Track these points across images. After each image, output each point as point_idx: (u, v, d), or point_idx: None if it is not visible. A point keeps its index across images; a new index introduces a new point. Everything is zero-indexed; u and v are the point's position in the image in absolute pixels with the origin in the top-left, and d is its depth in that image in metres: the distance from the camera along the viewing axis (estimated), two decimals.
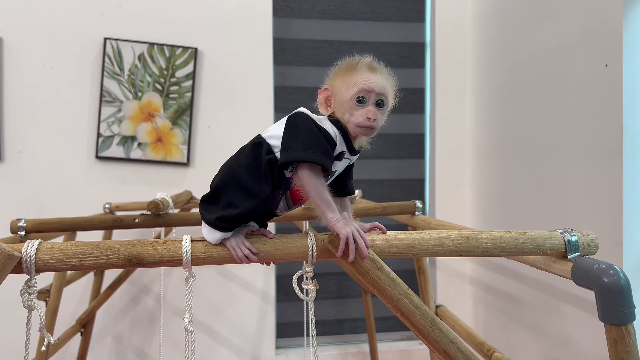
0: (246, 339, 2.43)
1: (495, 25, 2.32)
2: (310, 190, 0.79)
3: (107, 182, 2.30)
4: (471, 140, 2.55)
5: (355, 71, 0.85)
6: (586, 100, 1.69)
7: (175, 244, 0.75)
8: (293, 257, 0.78)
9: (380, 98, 0.85)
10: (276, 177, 0.82)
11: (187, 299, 0.77)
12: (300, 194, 0.84)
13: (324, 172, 0.81)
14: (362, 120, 0.83)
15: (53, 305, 1.68)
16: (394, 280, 0.73)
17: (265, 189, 0.80)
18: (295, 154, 0.79)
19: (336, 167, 0.86)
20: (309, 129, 0.81)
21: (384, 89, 0.85)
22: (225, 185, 0.81)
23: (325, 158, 0.79)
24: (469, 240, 0.78)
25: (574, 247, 0.81)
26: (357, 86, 0.84)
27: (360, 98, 0.83)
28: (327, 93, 0.88)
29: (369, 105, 0.84)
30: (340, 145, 0.85)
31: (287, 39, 2.51)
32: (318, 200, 0.79)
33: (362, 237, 0.76)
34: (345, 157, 0.86)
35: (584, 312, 1.70)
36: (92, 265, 0.71)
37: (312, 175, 0.79)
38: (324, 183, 0.81)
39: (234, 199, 0.79)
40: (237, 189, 0.80)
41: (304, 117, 0.84)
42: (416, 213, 1.50)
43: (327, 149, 0.81)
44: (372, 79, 0.84)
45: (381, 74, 0.86)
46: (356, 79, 0.84)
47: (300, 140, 0.80)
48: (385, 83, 0.86)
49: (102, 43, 2.29)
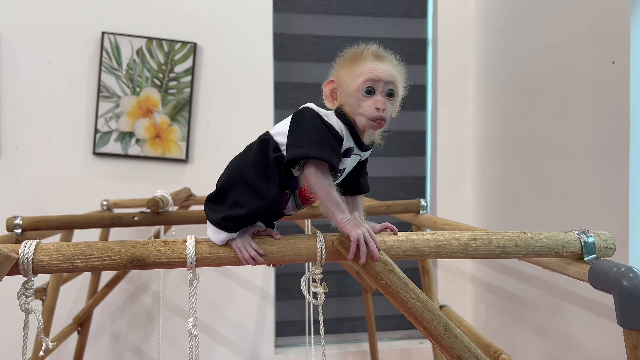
0: (245, 337, 2.40)
1: (499, 20, 2.29)
2: (318, 189, 0.76)
3: (105, 179, 2.27)
4: (473, 138, 2.52)
5: (361, 60, 0.81)
6: (592, 97, 1.66)
7: (179, 245, 0.72)
8: (301, 259, 0.75)
9: (389, 87, 0.80)
10: (284, 176, 0.79)
11: (191, 302, 0.74)
12: (309, 194, 0.80)
13: (332, 170, 0.78)
14: (371, 112, 0.79)
15: (50, 304, 1.66)
16: (407, 283, 0.71)
17: (273, 189, 0.77)
18: (300, 150, 0.76)
19: (345, 165, 0.82)
20: (314, 125, 0.78)
21: (392, 77, 0.80)
22: (231, 184, 0.78)
23: (332, 155, 0.76)
24: (483, 242, 0.76)
25: (591, 248, 0.78)
26: (364, 76, 0.79)
27: (369, 88, 0.79)
28: (332, 85, 0.84)
29: (377, 95, 0.79)
30: (347, 141, 0.81)
31: (287, 34, 2.48)
32: (326, 201, 0.76)
33: (374, 239, 0.73)
34: (354, 153, 0.82)
35: (588, 311, 1.68)
36: (92, 266, 0.68)
37: (318, 174, 0.76)
38: (332, 182, 0.77)
39: (240, 198, 0.76)
40: (243, 188, 0.77)
41: (309, 112, 0.80)
42: (421, 212, 1.48)
43: (333, 146, 0.77)
44: (379, 68, 0.80)
45: (388, 62, 0.82)
46: (362, 69, 0.80)
47: (306, 136, 0.77)
48: (393, 71, 0.81)
49: (100, 37, 2.26)
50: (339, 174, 0.82)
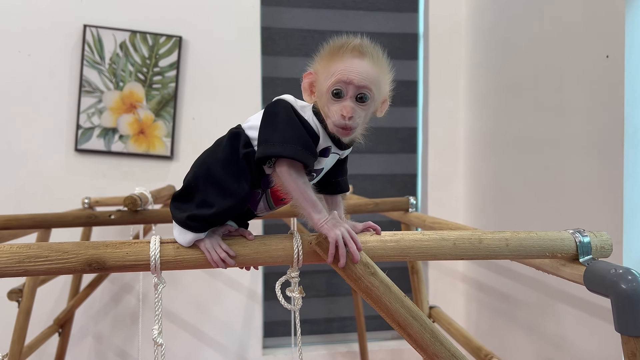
0: (232, 338, 2.35)
1: (491, 15, 2.26)
2: (291, 189, 0.70)
3: (87, 176, 2.21)
4: (465, 135, 2.48)
5: (338, 57, 0.73)
6: (585, 92, 1.63)
7: (142, 246, 0.67)
8: (276, 262, 0.69)
9: (361, 92, 0.71)
10: (255, 174, 0.73)
11: (157, 307, 0.68)
12: (282, 193, 0.74)
13: (306, 168, 0.71)
14: (337, 118, 0.71)
15: (26, 305, 1.60)
16: (390, 287, 0.65)
17: (245, 187, 0.71)
18: (272, 148, 0.69)
19: (322, 165, 0.76)
20: (288, 120, 0.71)
21: (366, 80, 0.71)
22: (198, 181, 0.72)
23: (307, 153, 0.70)
24: (472, 242, 0.71)
25: (587, 249, 0.74)
26: (335, 76, 0.71)
27: (337, 91, 0.71)
28: (311, 78, 0.77)
29: (346, 99, 0.71)
30: (324, 140, 0.74)
31: (275, 28, 2.43)
32: (301, 201, 0.70)
33: (354, 240, 0.67)
34: (332, 152, 0.76)
35: (580, 311, 1.65)
36: (47, 270, 0.62)
37: (292, 173, 0.69)
38: (306, 180, 0.71)
39: (209, 197, 0.71)
40: (212, 186, 0.71)
41: (283, 105, 0.74)
42: (410, 210, 1.43)
43: (308, 143, 0.71)
44: (353, 68, 0.71)
45: (369, 59, 0.72)
46: (336, 67, 0.72)
47: (279, 132, 0.70)
48: (371, 72, 0.72)
49: (82, 30, 2.19)
50: (315, 174, 0.76)
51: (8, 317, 1.64)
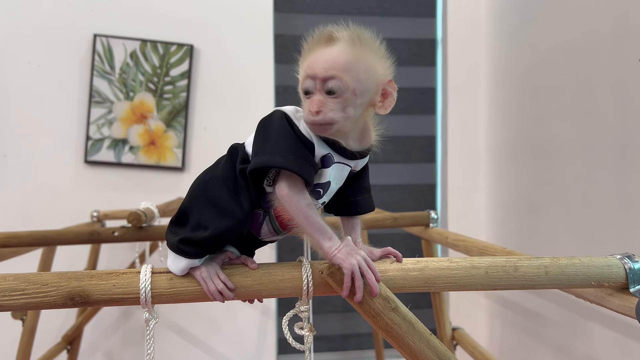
0: (245, 356, 2.28)
1: (512, 18, 2.18)
2: (293, 211, 0.62)
3: (97, 189, 2.17)
4: (486, 143, 2.40)
5: (308, 51, 0.66)
6: (616, 98, 1.55)
7: (131, 277, 0.59)
8: (283, 294, 0.61)
9: (328, 85, 0.63)
10: (253, 192, 0.65)
11: (148, 346, 0.61)
12: (286, 216, 0.66)
13: (308, 186, 0.63)
14: (307, 116, 0.64)
15: (30, 324, 1.56)
16: (413, 324, 0.57)
17: (244, 206, 0.63)
18: (262, 158, 0.62)
19: (327, 177, 0.67)
20: (281, 130, 0.64)
21: (332, 69, 0.62)
22: (194, 202, 0.64)
23: (300, 162, 0.62)
24: (506, 270, 0.62)
25: (637, 277, 0.64)
26: (303, 72, 0.65)
27: (306, 88, 0.64)
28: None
29: (316, 94, 0.64)
30: (320, 147, 0.65)
31: (289, 35, 2.38)
32: (306, 226, 0.62)
33: (372, 269, 0.59)
34: (336, 161, 0.67)
35: (613, 331, 1.56)
36: (23, 305, 0.55)
37: (292, 192, 0.61)
38: (310, 202, 0.63)
39: (204, 218, 0.63)
40: (208, 205, 0.63)
41: (277, 115, 0.67)
42: (431, 225, 1.34)
43: (301, 152, 0.63)
44: (317, 59, 0.63)
45: (343, 45, 0.64)
46: (305, 63, 0.65)
47: (270, 142, 0.63)
48: (340, 58, 0.63)
49: (92, 40, 2.16)
50: (321, 190, 0.68)
51: (13, 335, 1.59)
